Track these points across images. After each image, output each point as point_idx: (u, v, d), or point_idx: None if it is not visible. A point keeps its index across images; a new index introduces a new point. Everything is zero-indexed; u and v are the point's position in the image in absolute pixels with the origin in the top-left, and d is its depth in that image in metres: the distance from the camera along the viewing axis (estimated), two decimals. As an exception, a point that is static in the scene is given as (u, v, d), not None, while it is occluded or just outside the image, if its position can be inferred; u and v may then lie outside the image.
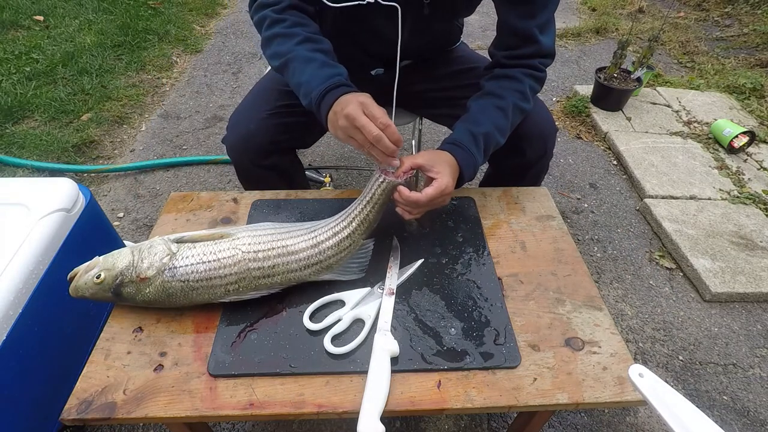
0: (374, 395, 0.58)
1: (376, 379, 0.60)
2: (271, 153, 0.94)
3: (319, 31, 0.84)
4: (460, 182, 0.81)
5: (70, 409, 0.58)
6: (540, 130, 0.94)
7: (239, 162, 0.96)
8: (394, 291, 0.72)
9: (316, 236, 0.72)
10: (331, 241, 0.72)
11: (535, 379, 0.63)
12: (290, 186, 1.00)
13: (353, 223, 0.73)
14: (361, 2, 0.82)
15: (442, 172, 0.74)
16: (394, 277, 0.74)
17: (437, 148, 0.80)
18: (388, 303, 0.70)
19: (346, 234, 0.73)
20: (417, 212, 0.76)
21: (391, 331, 0.66)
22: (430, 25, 0.95)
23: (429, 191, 0.72)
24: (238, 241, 0.69)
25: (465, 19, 1.09)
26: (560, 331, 0.69)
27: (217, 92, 2.21)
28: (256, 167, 0.95)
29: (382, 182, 0.73)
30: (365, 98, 0.69)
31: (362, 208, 0.74)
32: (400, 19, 0.88)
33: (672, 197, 1.60)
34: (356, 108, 0.67)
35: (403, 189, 0.73)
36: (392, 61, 1.06)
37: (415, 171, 0.75)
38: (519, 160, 0.97)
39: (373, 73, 1.07)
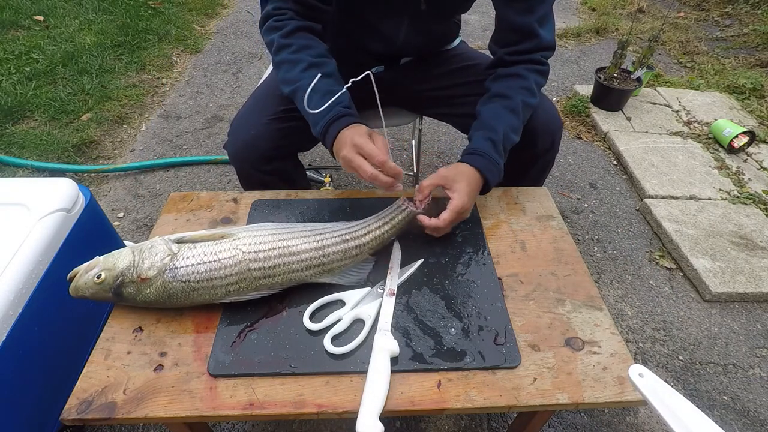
0: (373, 395, 0.58)
1: (376, 378, 0.60)
2: (273, 158, 0.94)
3: (325, 51, 0.85)
4: (486, 189, 0.83)
5: (70, 409, 0.58)
6: (546, 126, 0.94)
7: (241, 168, 0.95)
8: (395, 291, 0.72)
9: (322, 239, 0.72)
10: (338, 247, 0.72)
11: (535, 379, 0.63)
12: (292, 188, 1.00)
13: (366, 237, 0.75)
14: None
15: (459, 191, 0.76)
16: (395, 278, 0.74)
17: (459, 160, 0.82)
18: (389, 303, 0.70)
19: (355, 244, 0.74)
20: (443, 233, 0.79)
21: (391, 331, 0.66)
22: (428, 22, 0.95)
23: (445, 216, 0.76)
24: (238, 242, 0.69)
25: (465, 19, 1.10)
26: (560, 331, 0.69)
27: (217, 92, 2.21)
28: (258, 172, 0.95)
29: (404, 210, 0.77)
30: (359, 138, 0.73)
31: (380, 226, 0.76)
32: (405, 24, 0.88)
33: (672, 197, 1.60)
34: (350, 151, 0.73)
35: (422, 218, 0.77)
36: (392, 60, 1.06)
37: (430, 197, 0.79)
38: (526, 155, 0.96)
39: (373, 71, 1.07)
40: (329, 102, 0.77)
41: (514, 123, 0.84)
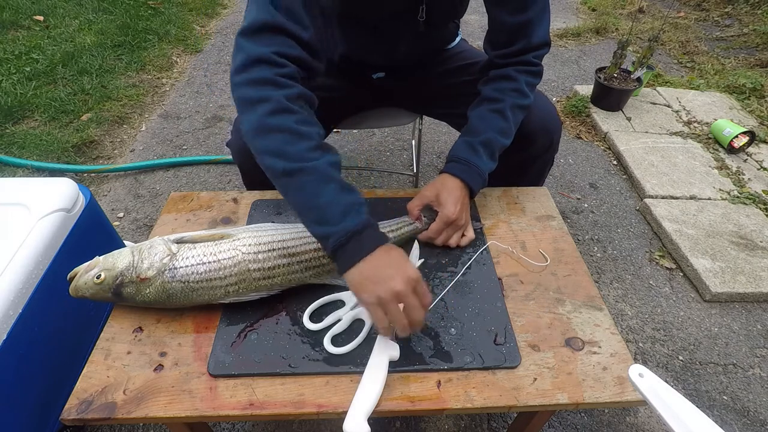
0: (365, 396, 0.58)
1: (371, 380, 0.60)
2: None
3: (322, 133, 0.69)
4: (472, 194, 0.83)
5: (70, 409, 0.58)
6: (544, 125, 0.94)
7: (244, 164, 0.95)
8: None
9: None
10: None
11: (535, 379, 0.63)
12: None
13: None
14: None
15: (444, 202, 0.79)
16: None
17: (440, 171, 0.84)
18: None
19: None
20: (440, 242, 0.80)
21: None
22: (427, 36, 0.95)
23: (434, 227, 0.79)
24: (238, 242, 0.69)
25: (465, 19, 1.10)
26: (560, 331, 0.69)
27: (217, 92, 2.21)
28: (261, 169, 0.95)
29: (410, 224, 0.81)
30: (420, 287, 0.61)
31: (384, 233, 0.76)
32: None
33: (672, 197, 1.60)
34: (408, 290, 0.59)
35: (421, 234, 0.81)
36: (393, 66, 1.07)
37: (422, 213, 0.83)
38: (524, 154, 0.96)
39: (374, 76, 1.08)
40: (348, 199, 0.63)
41: (501, 125, 0.84)
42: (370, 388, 0.59)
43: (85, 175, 1.67)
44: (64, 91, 2.04)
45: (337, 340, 0.66)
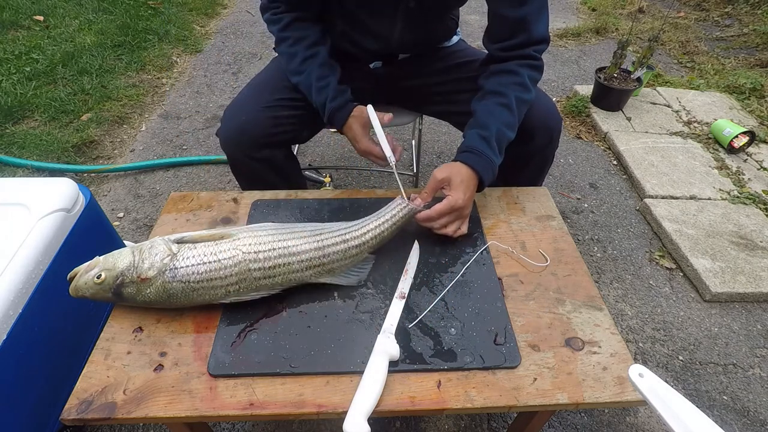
0: (366, 396, 0.58)
1: (371, 380, 0.60)
2: (265, 146, 0.95)
3: (318, 37, 0.94)
4: (480, 187, 0.83)
5: (70, 409, 0.58)
6: (545, 122, 0.94)
7: (233, 154, 0.96)
8: (405, 295, 0.72)
9: (322, 239, 0.72)
10: (338, 247, 0.72)
11: (535, 379, 0.63)
12: (286, 183, 1.00)
13: (366, 236, 0.75)
14: None
15: (454, 188, 0.78)
16: (408, 281, 0.74)
17: (453, 159, 0.83)
18: (397, 306, 0.70)
19: (355, 243, 0.74)
20: (437, 226, 0.79)
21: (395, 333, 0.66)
22: (421, 20, 0.95)
23: (438, 207, 0.77)
24: (238, 242, 0.69)
25: (465, 19, 1.10)
26: (560, 331, 0.69)
27: (217, 92, 2.21)
28: (250, 160, 0.95)
29: (404, 207, 0.78)
30: (363, 144, 0.91)
31: (379, 225, 0.76)
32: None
33: (672, 197, 1.60)
34: (362, 153, 0.93)
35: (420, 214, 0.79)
36: (389, 56, 1.07)
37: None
38: (524, 150, 0.96)
39: (371, 66, 1.08)
40: (325, 96, 0.91)
41: (508, 120, 0.84)
42: (370, 388, 0.59)
43: (85, 175, 1.67)
44: (64, 91, 2.04)
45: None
